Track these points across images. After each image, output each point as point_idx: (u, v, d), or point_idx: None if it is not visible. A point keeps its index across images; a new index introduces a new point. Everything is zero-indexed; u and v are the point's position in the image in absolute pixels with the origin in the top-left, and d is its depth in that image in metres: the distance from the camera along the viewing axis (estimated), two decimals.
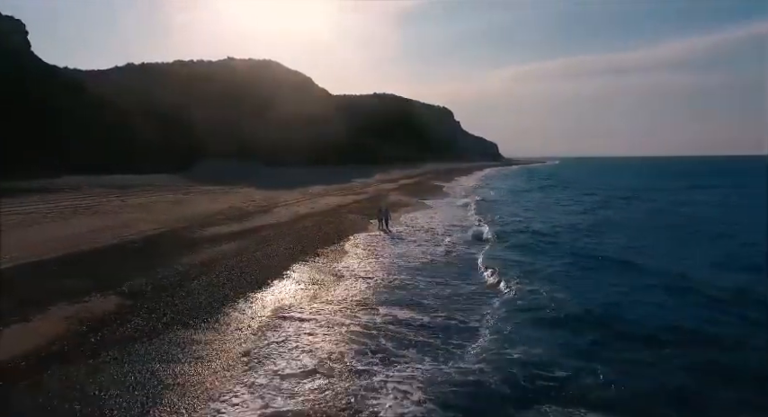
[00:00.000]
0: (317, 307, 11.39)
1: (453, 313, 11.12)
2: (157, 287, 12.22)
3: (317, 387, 7.56)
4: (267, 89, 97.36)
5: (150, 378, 7.71)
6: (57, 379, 7.57)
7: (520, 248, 19.58)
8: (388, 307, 11.38)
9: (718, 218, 29.04)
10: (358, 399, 7.20)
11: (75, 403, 6.96)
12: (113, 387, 7.38)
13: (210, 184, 39.50)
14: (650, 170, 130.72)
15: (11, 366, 7.86)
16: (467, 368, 8.22)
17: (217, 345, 9.11)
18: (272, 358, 8.62)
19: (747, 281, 14.18)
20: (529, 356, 8.72)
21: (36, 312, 10.10)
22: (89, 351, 8.57)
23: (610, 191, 51.37)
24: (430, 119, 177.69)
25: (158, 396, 7.20)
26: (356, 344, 9.25)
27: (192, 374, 7.93)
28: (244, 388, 7.52)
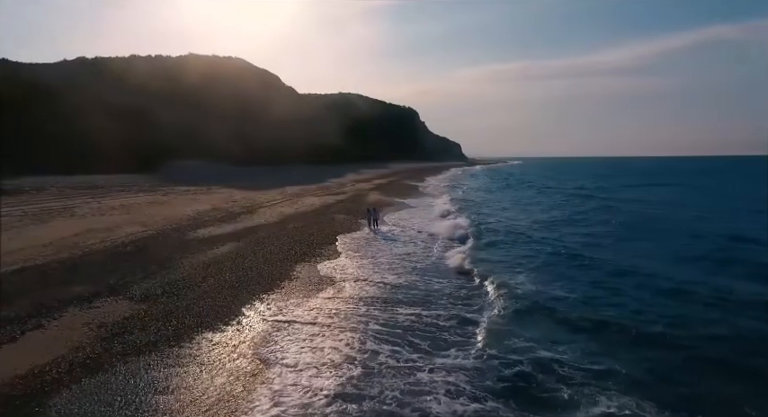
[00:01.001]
0: (331, 307, 11.37)
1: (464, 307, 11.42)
2: (167, 291, 11.94)
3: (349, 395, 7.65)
4: (232, 87, 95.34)
5: (190, 382, 7.60)
6: (95, 387, 7.35)
7: (505, 245, 20.14)
8: (405, 307, 11.49)
9: (667, 215, 30.70)
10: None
11: (119, 410, 6.79)
12: (153, 393, 7.24)
13: (183, 185, 38.42)
14: (602, 169, 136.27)
15: (41, 374, 7.56)
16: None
17: (245, 347, 9.01)
18: (297, 356, 8.61)
19: (698, 271, 15.28)
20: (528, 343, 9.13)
21: (49, 319, 9.72)
22: (118, 356, 8.33)
23: (570, 190, 53.90)
24: (396, 120, 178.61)
25: (199, 400, 7.12)
26: (385, 342, 9.36)
27: (226, 375, 7.85)
28: (274, 388, 7.52)
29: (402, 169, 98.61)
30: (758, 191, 48.97)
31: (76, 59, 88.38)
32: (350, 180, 59.35)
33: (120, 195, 29.65)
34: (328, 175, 60.92)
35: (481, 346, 9.01)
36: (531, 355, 8.50)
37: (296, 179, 50.73)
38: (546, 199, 42.76)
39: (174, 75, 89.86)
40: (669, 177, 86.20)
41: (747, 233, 22.37)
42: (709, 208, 34.07)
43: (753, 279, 14.37)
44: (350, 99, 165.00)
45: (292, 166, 78.90)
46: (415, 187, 54.98)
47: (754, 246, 19.54)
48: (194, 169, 58.64)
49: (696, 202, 38.88)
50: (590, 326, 10.13)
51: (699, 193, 49.29)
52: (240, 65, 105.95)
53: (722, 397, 7.42)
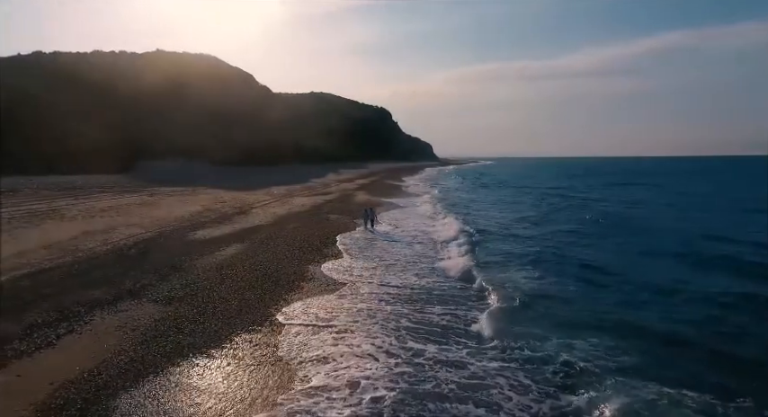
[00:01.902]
0: (357, 307, 11.46)
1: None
2: (189, 293, 11.80)
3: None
4: (203, 85, 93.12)
5: (242, 383, 7.62)
6: (150, 388, 7.28)
7: (501, 243, 20.71)
8: (434, 306, 11.70)
9: (637, 214, 32.19)
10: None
11: (181, 410, 6.77)
12: (208, 393, 7.23)
13: (164, 185, 37.51)
14: (572, 170, 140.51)
15: (92, 378, 7.43)
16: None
17: (285, 348, 9.03)
18: (338, 356, 8.72)
19: (670, 267, 16.32)
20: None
21: (80, 323, 9.49)
22: (163, 358, 8.24)
23: (542, 189, 56.10)
24: (369, 120, 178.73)
25: (251, 400, 7.17)
26: (426, 341, 9.56)
27: (274, 375, 7.90)
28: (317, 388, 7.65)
29: (380, 169, 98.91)
30: (722, 191, 51.84)
31: (32, 54, 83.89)
32: (332, 180, 59.21)
33: (104, 196, 28.74)
34: (309, 176, 60.59)
35: (516, 342, 9.31)
36: (571, 349, 8.89)
37: (278, 179, 50.24)
38: (524, 198, 44.13)
39: (140, 72, 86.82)
40: (631, 177, 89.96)
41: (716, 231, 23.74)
42: (678, 207, 35.89)
43: (727, 273, 15.36)
44: (323, 99, 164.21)
45: (270, 167, 77.93)
46: (398, 187, 55.35)
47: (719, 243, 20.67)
48: (169, 169, 57.19)
49: (659, 201, 40.81)
50: (612, 324, 10.50)
51: (664, 192, 51.64)
52: (212, 63, 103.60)
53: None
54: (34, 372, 7.51)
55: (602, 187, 63.01)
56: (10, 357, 7.93)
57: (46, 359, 7.99)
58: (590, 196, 47.23)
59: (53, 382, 7.25)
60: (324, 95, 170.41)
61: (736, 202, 38.21)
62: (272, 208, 28.54)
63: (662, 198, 44.24)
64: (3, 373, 7.42)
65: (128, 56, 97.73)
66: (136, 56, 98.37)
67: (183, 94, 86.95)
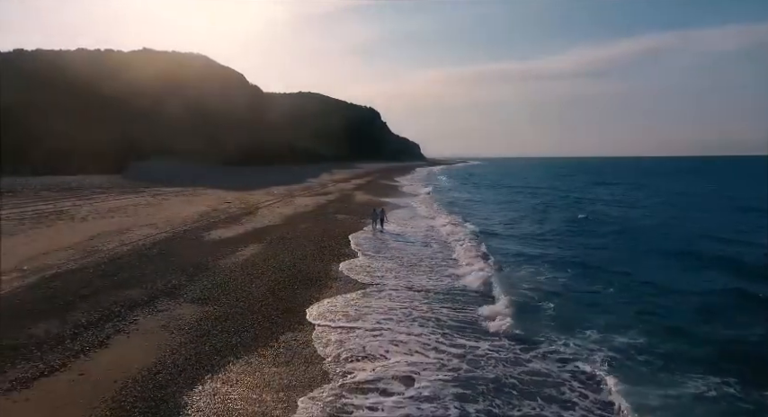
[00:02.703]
0: (393, 306, 11.66)
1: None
2: (222, 292, 11.87)
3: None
4: (192, 84, 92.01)
5: (301, 380, 7.78)
6: (214, 386, 7.39)
7: (512, 243, 21.18)
8: (467, 305, 11.96)
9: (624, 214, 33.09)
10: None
11: (249, 405, 6.90)
12: (270, 389, 7.36)
13: (164, 186, 37.18)
14: (558, 169, 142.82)
15: (153, 377, 7.50)
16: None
17: (327, 346, 9.16)
18: (388, 354, 8.93)
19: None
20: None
21: (125, 323, 9.53)
22: (216, 357, 8.33)
23: (533, 189, 58.29)
24: (358, 120, 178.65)
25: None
26: (475, 339, 9.82)
27: (335, 374, 8.07)
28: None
29: (372, 169, 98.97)
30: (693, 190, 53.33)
31: (13, 51, 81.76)
32: (327, 180, 59.21)
33: (107, 196, 28.46)
34: (304, 176, 60.51)
35: (563, 337, 9.61)
36: (614, 342, 9.26)
37: (275, 179, 50.08)
38: (518, 197, 44.98)
39: (128, 71, 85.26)
40: (616, 176, 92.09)
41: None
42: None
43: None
44: (311, 99, 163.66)
45: (262, 167, 77.53)
46: (394, 187, 55.62)
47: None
48: (162, 169, 56.51)
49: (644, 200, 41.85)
50: (644, 322, 10.91)
51: (655, 192, 52.85)
52: (202, 62, 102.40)
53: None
54: (95, 371, 7.56)
55: (592, 186, 64.42)
56: (68, 356, 7.96)
57: (102, 358, 8.03)
58: (581, 195, 48.32)
59: (116, 380, 7.32)
60: (312, 95, 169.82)
61: (733, 201, 39.35)
62: (277, 208, 28.55)
63: (654, 198, 45.27)
64: (66, 372, 7.45)
65: (114, 54, 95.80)
66: (122, 54, 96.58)
67: (172, 94, 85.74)
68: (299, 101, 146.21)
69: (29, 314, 9.65)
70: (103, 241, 16.47)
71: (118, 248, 15.65)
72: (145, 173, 49.20)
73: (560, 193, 51.14)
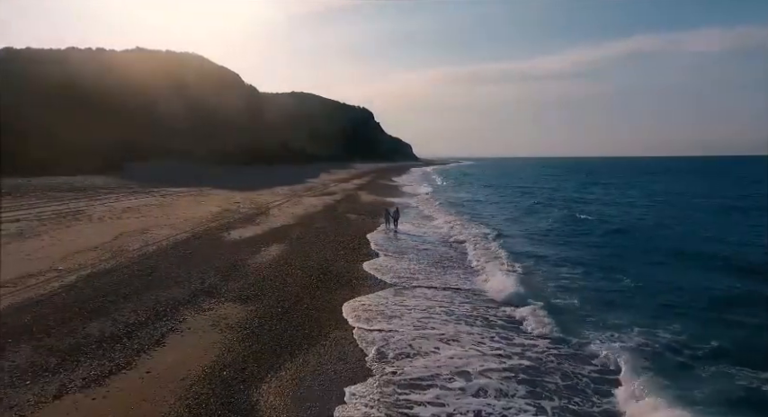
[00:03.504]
0: (430, 305, 11.88)
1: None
2: (260, 292, 12.02)
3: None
4: (191, 84, 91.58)
5: (357, 376, 7.97)
6: (279, 382, 7.55)
7: (527, 244, 21.51)
8: (505, 305, 12.23)
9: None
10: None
11: (317, 400, 7.09)
12: (332, 389, 7.55)
13: (169, 186, 37.01)
14: (549, 169, 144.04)
15: (216, 374, 7.65)
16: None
17: (377, 345, 9.38)
18: (438, 352, 9.15)
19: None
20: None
21: (175, 321, 9.65)
22: (273, 357, 8.47)
23: (531, 189, 59.28)
24: (352, 120, 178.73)
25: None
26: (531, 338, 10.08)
27: (377, 371, 8.27)
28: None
29: (368, 169, 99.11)
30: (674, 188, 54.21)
31: (2, 50, 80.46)
32: (327, 180, 59.27)
33: (117, 197, 28.35)
34: (304, 176, 60.50)
35: (604, 335, 9.88)
36: (656, 338, 9.61)
37: (276, 179, 50.04)
38: (516, 198, 45.50)
39: (121, 71, 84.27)
40: (606, 176, 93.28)
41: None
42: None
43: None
44: (305, 99, 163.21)
45: (260, 167, 77.31)
46: (394, 187, 55.87)
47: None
48: (163, 170, 56.14)
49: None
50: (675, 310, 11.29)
51: (655, 191, 53.71)
52: (198, 62, 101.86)
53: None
54: (160, 369, 7.69)
55: (587, 185, 65.32)
56: (130, 354, 8.08)
57: (163, 356, 8.15)
58: (577, 195, 49.04)
59: (184, 378, 7.45)
60: (305, 95, 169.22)
61: (734, 201, 40.14)
62: (287, 208, 28.63)
63: (648, 197, 45.95)
64: (133, 370, 7.58)
65: (107, 54, 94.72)
66: (115, 54, 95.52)
67: (169, 94, 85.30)
68: (293, 101, 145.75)
69: (78, 313, 9.73)
70: (128, 241, 16.49)
71: (144, 248, 15.69)
72: (144, 174, 48.83)
73: (557, 193, 51.85)
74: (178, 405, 6.70)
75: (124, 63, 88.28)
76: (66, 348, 8.17)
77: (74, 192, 29.68)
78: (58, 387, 6.88)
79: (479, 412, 6.73)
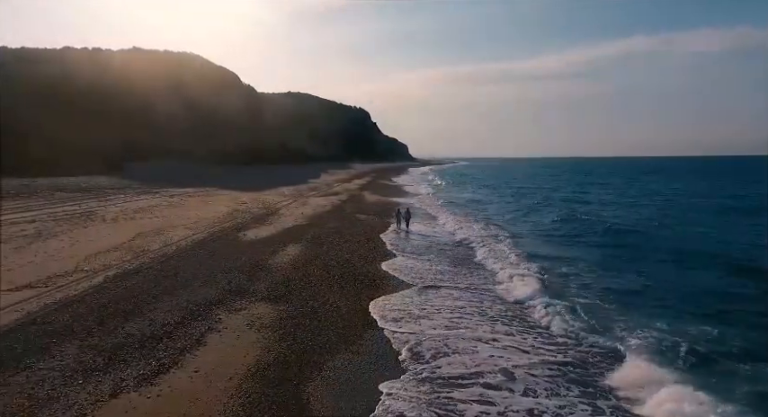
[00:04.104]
0: (456, 305, 12.03)
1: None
2: (289, 291, 12.12)
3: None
4: (190, 84, 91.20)
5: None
6: (323, 384, 7.66)
7: (531, 241, 21.77)
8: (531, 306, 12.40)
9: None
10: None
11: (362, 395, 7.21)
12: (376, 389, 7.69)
13: (174, 187, 36.95)
14: (546, 169, 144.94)
15: (261, 372, 7.75)
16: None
17: (410, 344, 9.50)
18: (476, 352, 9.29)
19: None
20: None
21: (211, 321, 9.72)
22: (315, 356, 8.56)
23: (527, 189, 59.75)
24: (349, 121, 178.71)
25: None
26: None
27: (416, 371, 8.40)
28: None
29: (367, 169, 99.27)
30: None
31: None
32: (329, 180, 59.33)
33: (125, 197, 28.32)
34: (305, 176, 60.53)
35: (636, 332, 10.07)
36: (689, 335, 9.82)
37: (278, 180, 50.05)
38: (516, 198, 45.81)
39: (119, 70, 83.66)
40: (603, 176, 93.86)
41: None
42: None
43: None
44: (303, 99, 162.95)
45: (260, 167, 77.19)
46: (396, 187, 56.02)
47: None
48: (164, 169, 55.97)
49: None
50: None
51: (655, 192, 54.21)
52: (196, 62, 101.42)
53: None
54: (206, 368, 7.76)
55: (586, 185, 65.80)
56: (174, 354, 8.15)
57: (206, 356, 8.23)
58: (577, 195, 49.46)
59: (231, 377, 7.54)
60: (302, 95, 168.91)
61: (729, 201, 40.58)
62: (295, 208, 28.69)
63: (645, 197, 46.36)
64: (181, 369, 7.65)
65: (103, 54, 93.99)
66: (112, 54, 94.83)
67: (168, 94, 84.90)
68: (291, 101, 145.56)
69: (114, 314, 9.79)
70: (147, 241, 16.52)
71: (164, 248, 15.73)
72: (145, 174, 48.68)
73: (556, 193, 52.25)
74: (232, 404, 6.78)
75: (121, 63, 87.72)
76: (111, 347, 8.24)
77: (81, 193, 29.59)
78: (113, 387, 6.96)
79: (532, 410, 6.82)
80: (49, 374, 7.20)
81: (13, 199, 24.70)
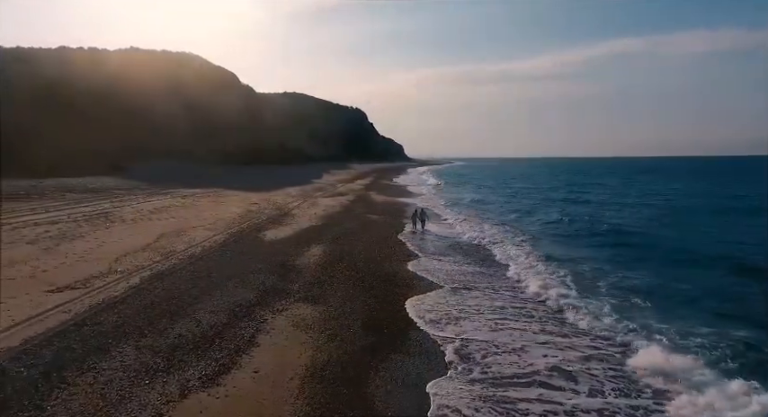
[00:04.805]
0: (495, 304, 12.17)
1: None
2: (324, 291, 12.17)
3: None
4: (190, 84, 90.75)
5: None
6: (382, 384, 7.75)
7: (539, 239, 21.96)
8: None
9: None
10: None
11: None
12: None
13: (182, 187, 36.83)
14: (543, 169, 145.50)
15: (320, 372, 7.83)
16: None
17: (456, 344, 9.63)
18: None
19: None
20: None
21: (258, 322, 9.78)
22: (367, 357, 8.62)
23: (527, 189, 60.38)
24: (347, 121, 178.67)
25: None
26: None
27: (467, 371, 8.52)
28: None
29: (367, 170, 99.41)
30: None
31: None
32: (332, 180, 59.36)
33: (136, 198, 28.23)
34: (308, 176, 60.53)
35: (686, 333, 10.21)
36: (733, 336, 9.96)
37: (283, 180, 49.96)
38: (517, 198, 46.10)
39: (118, 70, 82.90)
40: (600, 176, 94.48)
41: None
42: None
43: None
44: (299, 99, 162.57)
45: (262, 167, 76.99)
46: (399, 187, 56.20)
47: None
48: (166, 170, 55.67)
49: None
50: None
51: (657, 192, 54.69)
52: (196, 62, 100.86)
53: None
54: (267, 369, 7.80)
55: (584, 186, 66.27)
56: (229, 354, 8.20)
57: (263, 356, 8.28)
58: (576, 195, 49.83)
59: (292, 378, 7.62)
60: (299, 95, 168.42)
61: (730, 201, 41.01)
62: (306, 208, 28.74)
63: (642, 197, 46.78)
64: (241, 370, 7.71)
65: (101, 53, 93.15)
66: (109, 53, 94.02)
67: (167, 94, 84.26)
68: (288, 101, 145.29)
69: (160, 314, 9.81)
70: (171, 242, 16.51)
71: (190, 249, 15.74)
72: (148, 174, 48.43)
73: (554, 193, 52.58)
74: (300, 404, 6.86)
75: (119, 62, 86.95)
76: (166, 348, 8.28)
77: (91, 193, 29.45)
78: (180, 387, 7.01)
79: (602, 411, 6.90)
80: (114, 374, 7.23)
81: (26, 201, 24.54)
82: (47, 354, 7.70)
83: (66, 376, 7.06)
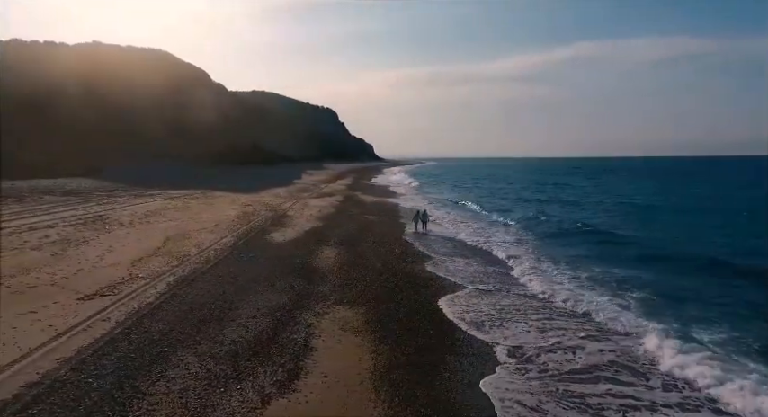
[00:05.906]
0: (523, 303, 12.42)
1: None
2: (355, 294, 12.12)
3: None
4: (158, 82, 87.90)
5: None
6: (448, 386, 7.82)
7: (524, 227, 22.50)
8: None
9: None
10: None
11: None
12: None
13: (160, 188, 35.73)
14: (509, 169, 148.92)
15: (384, 376, 7.83)
16: None
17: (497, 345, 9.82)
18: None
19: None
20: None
21: (305, 327, 9.66)
22: (424, 361, 8.66)
23: (499, 188, 62.72)
24: (317, 120, 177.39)
25: None
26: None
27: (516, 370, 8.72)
28: None
29: (344, 170, 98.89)
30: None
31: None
32: (312, 180, 58.87)
33: (125, 200, 27.22)
34: (289, 177, 59.81)
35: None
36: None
37: (264, 180, 49.21)
38: (495, 199, 47.03)
39: (80, 66, 79.00)
40: (565, 177, 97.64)
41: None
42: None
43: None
44: (270, 98, 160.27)
45: (236, 167, 75.54)
46: (382, 187, 56.20)
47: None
48: (135, 171, 53.77)
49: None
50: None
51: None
52: (165, 59, 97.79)
53: None
54: (335, 374, 7.68)
55: (555, 186, 68.16)
56: (292, 359, 8.07)
57: (325, 360, 8.16)
58: (548, 195, 51.24)
59: (362, 381, 7.57)
60: (268, 94, 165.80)
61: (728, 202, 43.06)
62: (300, 210, 28.42)
63: (613, 197, 48.64)
64: (310, 375, 7.59)
65: (59, 47, 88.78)
66: (67, 47, 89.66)
67: (133, 92, 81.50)
68: (258, 100, 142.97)
69: (204, 321, 9.55)
70: (178, 246, 16.02)
71: (203, 253, 15.33)
72: (121, 175, 46.73)
73: (527, 193, 54.15)
74: (383, 408, 6.83)
75: (79, 58, 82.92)
76: (226, 354, 8.08)
77: (72, 196, 28.22)
78: (258, 394, 6.85)
79: (682, 404, 7.16)
80: (186, 382, 7.01)
81: (6, 203, 23.30)
82: (107, 364, 7.38)
83: (139, 385, 6.80)
